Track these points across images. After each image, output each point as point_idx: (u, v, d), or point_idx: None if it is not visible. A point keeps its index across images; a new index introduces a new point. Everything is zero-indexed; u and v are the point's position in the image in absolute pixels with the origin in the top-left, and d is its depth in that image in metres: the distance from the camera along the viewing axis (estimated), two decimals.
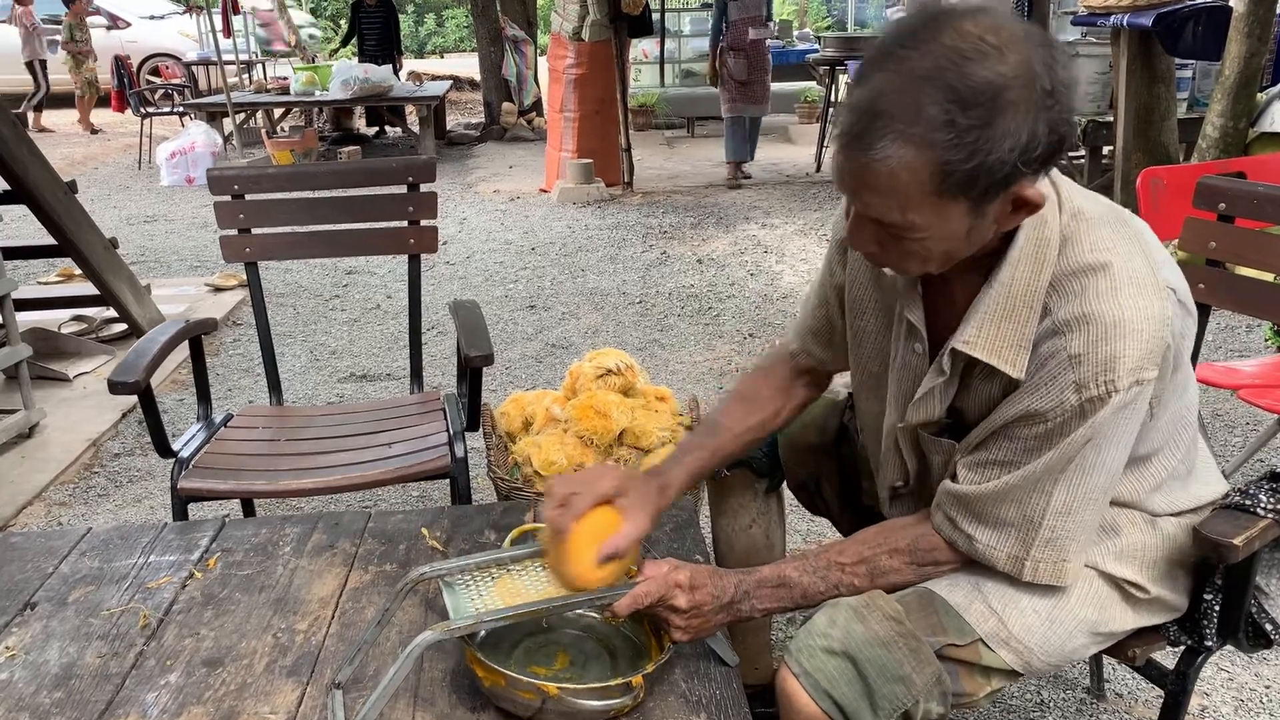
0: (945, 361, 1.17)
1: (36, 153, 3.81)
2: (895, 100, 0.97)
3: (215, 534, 1.59)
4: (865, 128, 0.98)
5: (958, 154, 0.96)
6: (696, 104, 11.27)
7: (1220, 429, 3.09)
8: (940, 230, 1.03)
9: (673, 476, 1.36)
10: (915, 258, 1.08)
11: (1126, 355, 1.05)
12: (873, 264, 1.18)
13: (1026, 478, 1.13)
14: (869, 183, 1.01)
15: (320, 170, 2.70)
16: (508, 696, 1.12)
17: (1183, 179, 2.51)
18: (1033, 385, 1.10)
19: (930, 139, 0.96)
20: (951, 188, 0.98)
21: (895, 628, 1.13)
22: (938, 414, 1.23)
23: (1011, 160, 0.97)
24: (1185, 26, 4.75)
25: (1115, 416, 1.08)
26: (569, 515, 1.20)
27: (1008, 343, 1.12)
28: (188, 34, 14.55)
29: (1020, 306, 1.11)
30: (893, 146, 0.97)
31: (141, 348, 1.92)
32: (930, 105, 0.95)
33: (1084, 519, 1.15)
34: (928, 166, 0.97)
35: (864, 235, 1.09)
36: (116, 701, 1.20)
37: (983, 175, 0.97)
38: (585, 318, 4.57)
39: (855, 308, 1.35)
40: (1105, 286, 1.07)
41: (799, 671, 1.13)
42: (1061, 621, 1.21)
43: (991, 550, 1.18)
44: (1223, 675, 2.00)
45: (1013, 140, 0.96)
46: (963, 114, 0.95)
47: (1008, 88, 0.95)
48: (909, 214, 1.01)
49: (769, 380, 1.50)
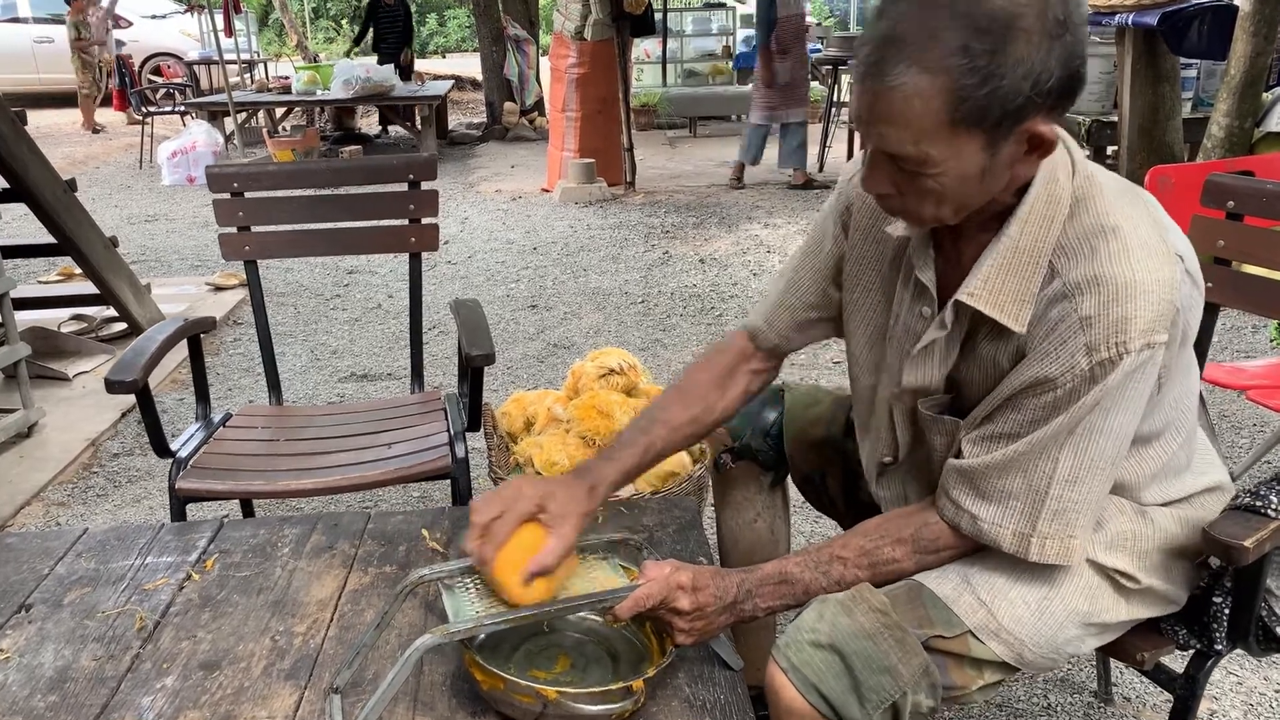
0: (948, 315, 1.16)
1: (36, 151, 3.80)
2: (910, 27, 0.99)
3: (213, 535, 1.58)
4: (881, 56, 1.00)
5: (971, 79, 0.97)
6: (699, 104, 11.26)
7: (1227, 430, 3.06)
8: (955, 166, 1.03)
9: (602, 475, 1.31)
10: (930, 198, 1.07)
11: (1138, 317, 1.04)
12: (885, 209, 1.16)
13: (1033, 446, 1.12)
14: (884, 113, 1.01)
15: (320, 168, 2.69)
16: (507, 700, 1.11)
17: (1190, 177, 2.50)
18: (1042, 351, 1.09)
19: (944, 64, 0.97)
20: (966, 116, 0.99)
21: (881, 620, 1.12)
22: (936, 378, 1.21)
23: (1025, 90, 0.98)
24: (1190, 26, 4.73)
25: (1125, 380, 1.07)
26: (490, 546, 1.17)
27: (1011, 297, 1.11)
28: (189, 33, 14.58)
29: (1026, 262, 1.10)
30: (908, 73, 0.98)
31: (139, 346, 1.90)
32: (945, 31, 0.97)
33: (1090, 490, 1.13)
34: (942, 93, 0.98)
35: (879, 175, 1.09)
36: (112, 705, 1.18)
37: (996, 104, 0.98)
38: (587, 317, 4.56)
39: (853, 280, 1.33)
40: (1116, 249, 1.06)
41: (786, 666, 1.12)
42: (1052, 612, 1.19)
43: (997, 528, 1.16)
44: (1231, 679, 1.98)
45: (1025, 68, 0.97)
46: (976, 39, 0.96)
47: (1021, 15, 0.97)
48: (923, 145, 1.01)
49: (707, 372, 1.45)
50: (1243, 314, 4.03)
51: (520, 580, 1.17)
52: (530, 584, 1.17)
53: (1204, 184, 1.73)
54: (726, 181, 7.78)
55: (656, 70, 12.73)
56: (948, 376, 1.21)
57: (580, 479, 1.29)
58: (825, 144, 8.29)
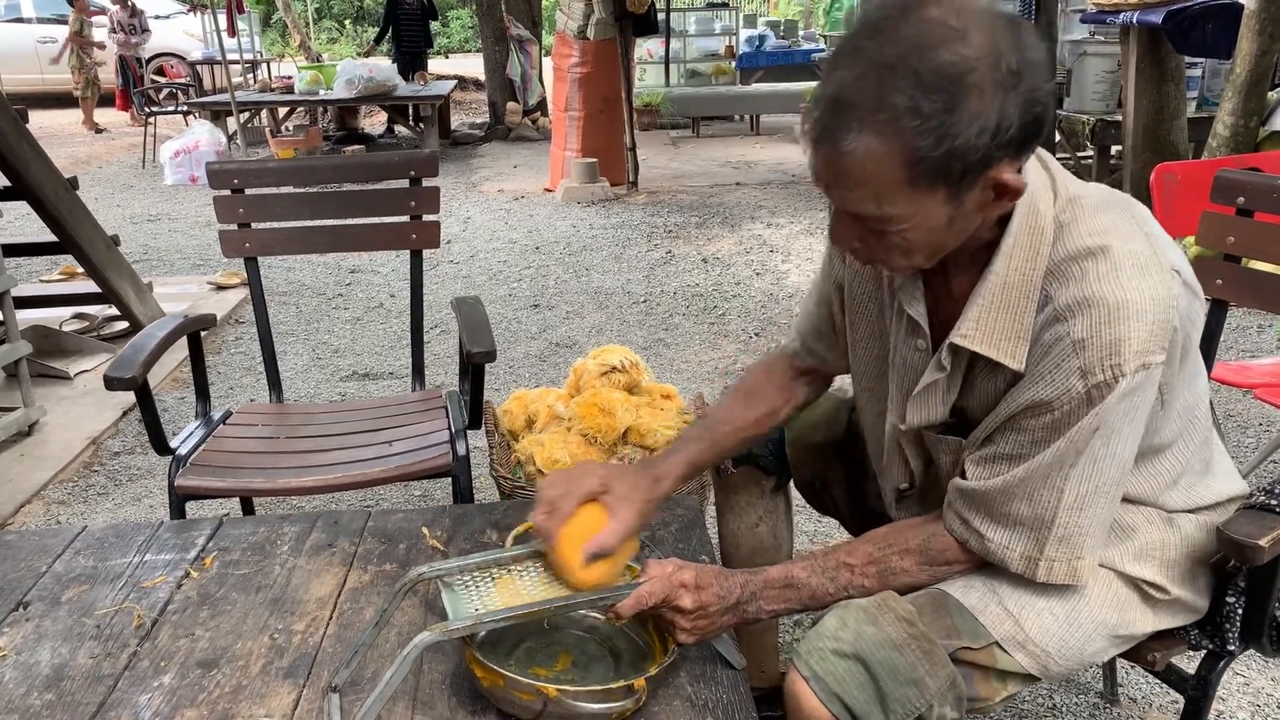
0: (945, 357, 1.15)
1: (38, 149, 3.79)
2: (859, 90, 0.96)
3: (212, 533, 1.57)
4: (831, 120, 0.98)
5: (925, 140, 0.95)
6: (701, 104, 11.25)
7: (1233, 430, 3.04)
8: (920, 221, 1.02)
9: (668, 467, 1.34)
10: (898, 251, 1.06)
11: (1131, 338, 1.02)
12: (859, 260, 1.15)
13: (1035, 471, 1.10)
14: (841, 176, 1.00)
15: (321, 164, 2.68)
16: (507, 698, 1.09)
17: (1197, 175, 2.48)
18: (1037, 374, 1.08)
19: (896, 126, 0.95)
20: (924, 175, 0.97)
21: (908, 630, 1.10)
22: (939, 415, 1.20)
23: (983, 144, 0.96)
24: (1195, 24, 4.72)
25: (1122, 404, 1.05)
26: (556, 519, 1.20)
27: (1006, 334, 1.09)
28: (192, 33, 14.59)
29: (1017, 297, 1.09)
30: (860, 138, 0.96)
31: (138, 343, 1.89)
32: (894, 93, 0.94)
33: (1097, 514, 1.12)
34: (896, 155, 0.96)
35: (845, 232, 1.08)
36: (109, 703, 1.17)
37: (955, 161, 0.96)
38: (589, 317, 4.54)
39: (854, 306, 1.33)
40: (1105, 269, 1.04)
41: (808, 674, 1.10)
42: (1080, 624, 1.17)
43: (1005, 550, 1.14)
44: (1239, 680, 1.96)
45: (981, 123, 0.95)
46: (926, 98, 0.94)
47: (972, 70, 0.94)
48: (884, 206, 1.00)
49: (770, 377, 1.48)
50: (1249, 313, 4.01)
51: (581, 559, 1.18)
52: (591, 565, 1.18)
53: (1214, 179, 1.71)
54: (731, 181, 7.76)
55: (659, 70, 12.73)
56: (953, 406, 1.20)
57: (648, 468, 1.32)
58: None
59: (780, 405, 1.46)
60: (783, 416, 1.47)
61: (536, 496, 1.25)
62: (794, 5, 20.60)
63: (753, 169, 8.63)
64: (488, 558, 1.23)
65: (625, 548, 1.23)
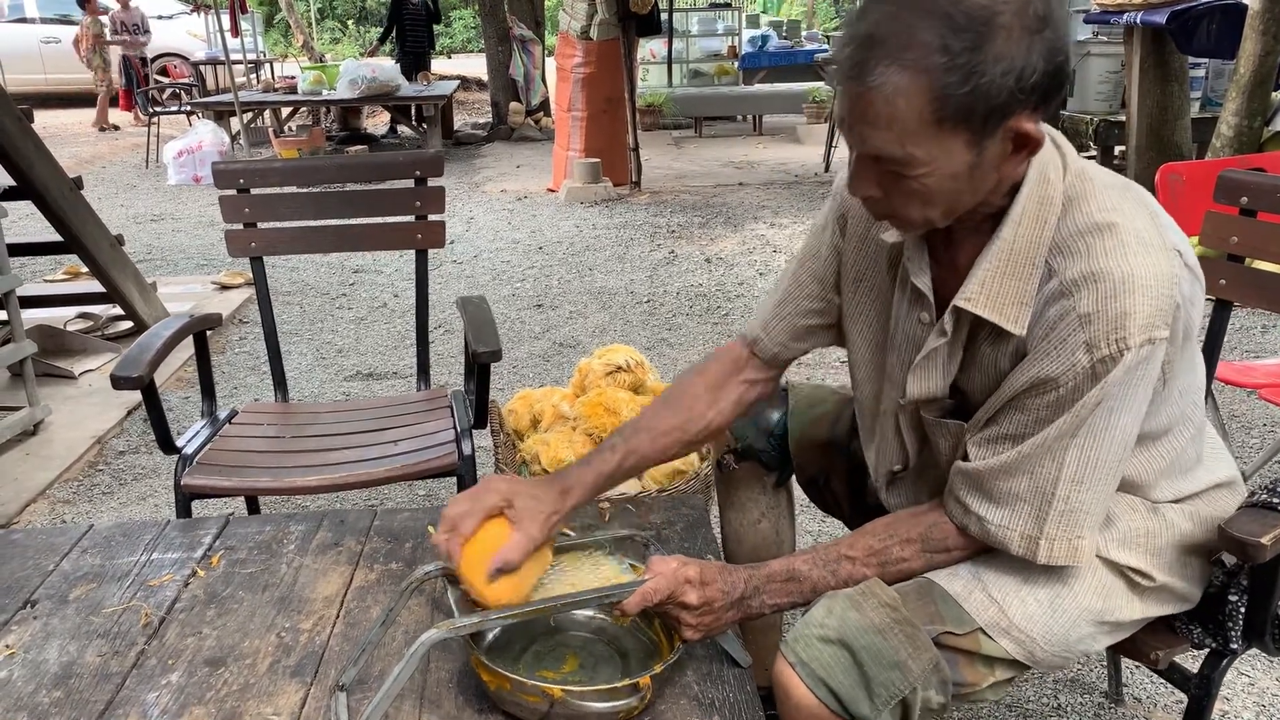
0: (948, 322, 1.15)
1: (42, 149, 3.80)
2: (889, 27, 0.98)
3: (219, 531, 1.57)
4: (861, 58, 1.00)
5: (953, 77, 0.97)
6: (704, 104, 11.26)
7: (1238, 430, 3.04)
8: (941, 165, 1.02)
9: (576, 479, 1.29)
10: (917, 199, 1.06)
11: (1137, 312, 1.03)
12: (873, 213, 1.15)
13: (1038, 447, 1.11)
14: (867, 115, 1.01)
15: (327, 164, 2.69)
16: (513, 700, 1.10)
17: (1201, 175, 2.48)
18: (1042, 350, 1.08)
19: (925, 64, 0.97)
20: (950, 115, 0.99)
21: (891, 615, 1.12)
22: (940, 387, 1.20)
23: (1008, 86, 0.98)
24: (1200, 24, 4.71)
25: (1127, 377, 1.05)
26: (456, 540, 1.17)
27: (1010, 299, 1.10)
28: (195, 34, 14.60)
29: (1023, 263, 1.09)
30: (888, 73, 0.98)
31: (145, 342, 1.89)
32: (924, 30, 0.97)
33: (1098, 490, 1.12)
34: (924, 92, 0.98)
35: (865, 178, 1.08)
36: (116, 701, 1.18)
37: (979, 101, 0.98)
38: (593, 317, 4.55)
39: (852, 286, 1.32)
40: (1112, 244, 1.05)
41: (795, 661, 1.11)
42: (1064, 610, 1.18)
43: (1005, 531, 1.15)
44: (1243, 679, 1.96)
45: (1007, 64, 0.97)
46: (955, 37, 0.96)
47: (1000, 12, 0.97)
48: (908, 146, 1.01)
49: (697, 380, 1.41)
50: (1252, 313, 4.01)
51: (485, 577, 1.15)
52: (495, 581, 1.15)
53: (1217, 179, 1.71)
54: (734, 182, 7.77)
55: (662, 70, 12.73)
56: (952, 384, 1.20)
57: (555, 481, 1.28)
58: (831, 144, 8.28)
59: (705, 408, 1.38)
60: (710, 419, 1.38)
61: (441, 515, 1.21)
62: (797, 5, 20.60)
63: (755, 169, 8.64)
64: None
65: (534, 562, 1.20)
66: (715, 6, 13.91)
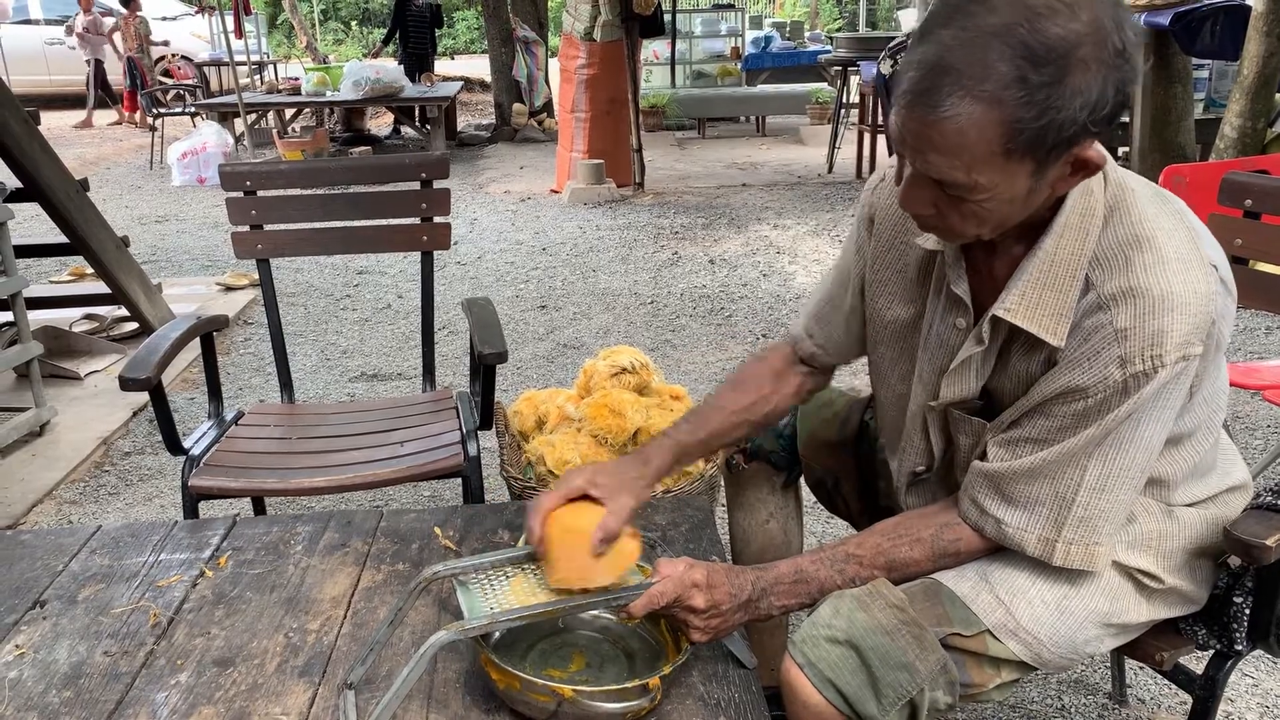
0: (985, 330, 1.15)
1: (49, 151, 3.81)
2: (964, 56, 0.95)
3: (226, 532, 1.58)
4: (932, 84, 0.96)
5: (1028, 111, 0.94)
6: (707, 105, 11.26)
7: (1242, 431, 3.04)
8: (1003, 191, 1.01)
9: (653, 451, 1.34)
10: (973, 220, 1.05)
11: (1174, 330, 1.03)
12: (921, 227, 1.14)
13: (1061, 453, 1.11)
14: (934, 142, 0.98)
15: (333, 166, 2.70)
16: (522, 699, 1.10)
17: (1205, 176, 2.48)
18: (1075, 360, 1.08)
19: (1000, 96, 0.94)
20: (1020, 147, 0.97)
21: (899, 616, 1.12)
22: (972, 389, 1.20)
23: (1081, 119, 0.96)
24: (1203, 26, 4.71)
25: (1159, 393, 1.06)
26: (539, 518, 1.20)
27: (1049, 311, 1.10)
28: (199, 35, 14.63)
29: (1063, 276, 1.09)
30: (962, 104, 0.95)
31: (153, 344, 1.90)
32: (1001, 62, 0.93)
33: (1118, 499, 1.12)
34: (997, 125, 0.95)
35: (921, 196, 1.06)
36: (126, 701, 1.18)
37: (1051, 134, 0.96)
38: (597, 318, 4.55)
39: (875, 289, 1.32)
40: (1151, 260, 1.05)
41: (802, 661, 1.12)
42: (1072, 612, 1.18)
43: (1021, 533, 1.15)
44: (1247, 681, 1.97)
45: (1083, 99, 0.95)
46: (1034, 71, 0.93)
47: (1080, 45, 0.93)
48: (974, 174, 0.99)
49: (762, 365, 1.47)
50: (1256, 315, 4.01)
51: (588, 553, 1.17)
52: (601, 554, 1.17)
53: (1221, 182, 1.72)
54: (737, 183, 7.77)
55: (665, 71, 12.73)
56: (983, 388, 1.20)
57: (633, 454, 1.33)
58: (834, 145, 8.28)
59: (770, 391, 1.43)
60: (775, 403, 1.44)
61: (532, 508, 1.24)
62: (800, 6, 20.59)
63: (759, 170, 8.64)
64: (502, 557, 1.24)
65: (630, 544, 1.21)
66: (718, 7, 13.91)
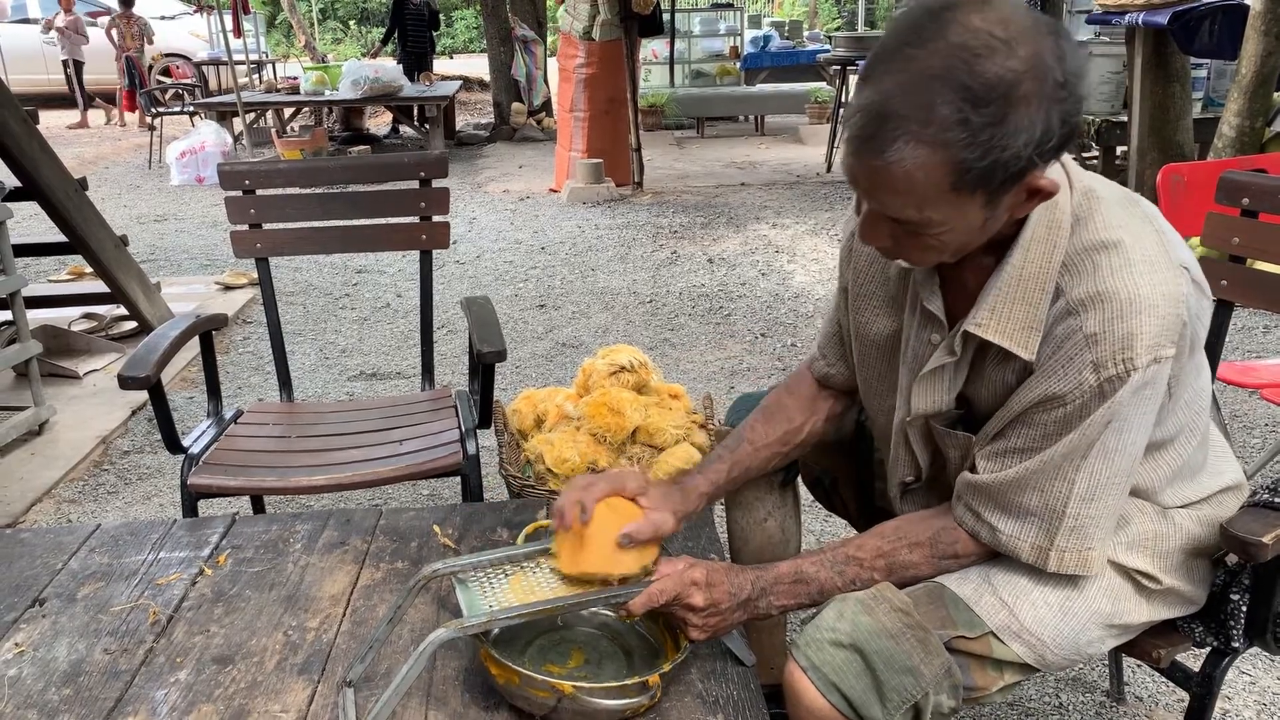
0: (956, 344, 1.16)
1: (48, 150, 3.81)
2: (906, 101, 0.95)
3: (225, 530, 1.58)
4: (876, 130, 0.97)
5: (973, 152, 0.95)
6: (706, 104, 11.26)
7: (1239, 430, 3.05)
8: (956, 223, 1.03)
9: (692, 483, 1.36)
10: (931, 251, 1.07)
11: (1144, 332, 1.04)
12: (886, 257, 1.16)
13: (1047, 463, 1.11)
14: (883, 184, 1.00)
15: (332, 165, 2.70)
16: (522, 695, 1.10)
17: (1203, 175, 2.49)
18: (1049, 368, 1.09)
19: (944, 139, 0.95)
20: (968, 184, 0.98)
21: (903, 619, 1.12)
22: (945, 402, 1.21)
23: (1026, 154, 0.96)
24: (1201, 25, 4.71)
25: (1135, 396, 1.06)
26: (591, 497, 1.22)
27: (1020, 325, 1.10)
28: (198, 34, 14.61)
29: (1032, 289, 1.10)
30: (906, 149, 0.96)
31: (152, 342, 1.90)
32: (942, 105, 0.94)
33: (1107, 504, 1.13)
34: (943, 166, 0.96)
35: (878, 231, 1.08)
36: (126, 699, 1.19)
37: (998, 170, 0.97)
38: (595, 317, 4.55)
39: (859, 305, 1.33)
40: (1118, 263, 1.06)
41: (806, 665, 1.12)
42: (1075, 613, 1.19)
43: (1015, 541, 1.16)
44: (1244, 678, 1.97)
45: (1027, 135, 0.95)
46: (975, 112, 0.93)
47: (1019, 82, 0.94)
48: (926, 211, 1.01)
49: (793, 395, 1.48)
50: (1254, 314, 4.02)
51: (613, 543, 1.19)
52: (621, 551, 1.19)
53: (1219, 181, 1.72)
54: (736, 182, 7.77)
55: (664, 71, 12.73)
56: (958, 395, 1.21)
57: (675, 488, 1.34)
58: (833, 144, 8.29)
59: (803, 421, 1.45)
60: (807, 432, 1.45)
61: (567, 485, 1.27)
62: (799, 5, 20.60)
63: (757, 169, 8.64)
64: (501, 554, 1.24)
65: (649, 549, 1.22)
66: (717, 7, 13.91)
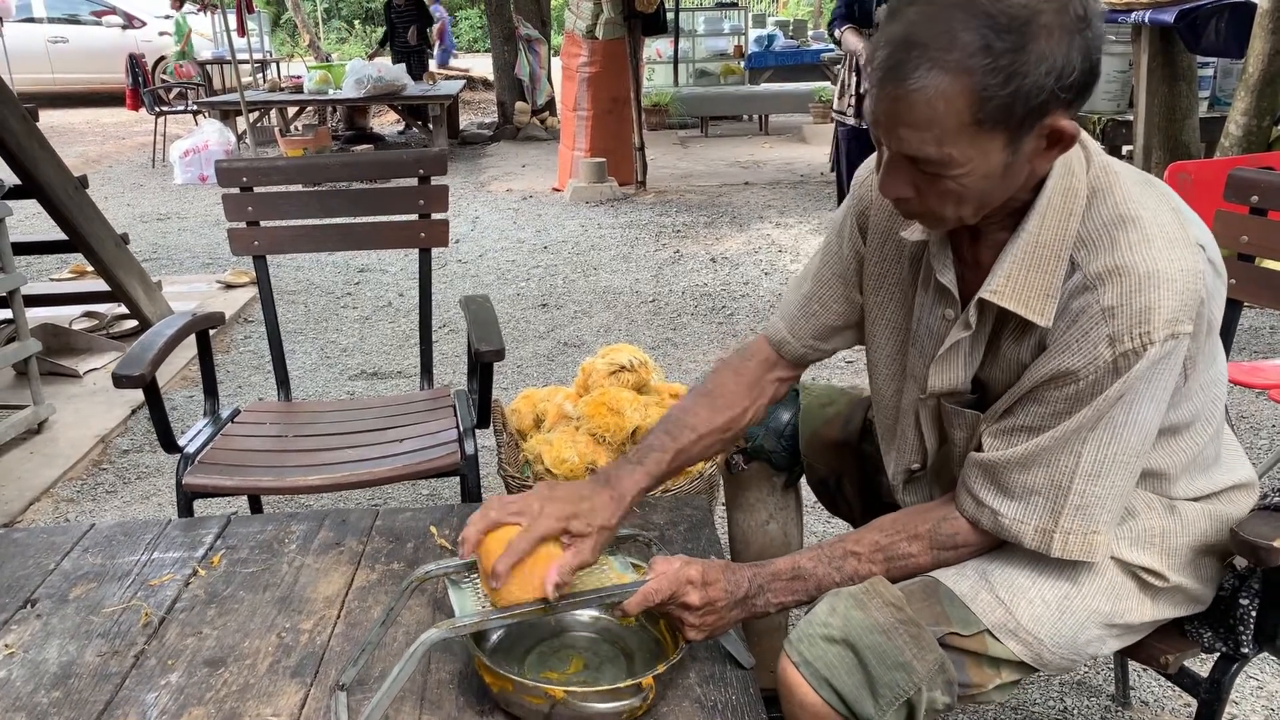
0: (972, 315, 1.14)
1: (48, 148, 3.80)
2: (929, 29, 0.97)
3: (220, 531, 1.56)
4: (900, 59, 0.98)
5: (994, 79, 0.96)
6: (710, 103, 11.24)
7: (1247, 431, 3.02)
8: (978, 165, 1.01)
9: (628, 486, 1.26)
10: (951, 199, 1.05)
11: (1161, 306, 1.02)
12: (903, 212, 1.14)
13: (1055, 439, 1.10)
14: (905, 116, 0.99)
15: (330, 162, 2.68)
16: (516, 701, 1.09)
17: (1210, 173, 2.47)
18: (1064, 343, 1.07)
19: (966, 65, 0.95)
20: (989, 116, 0.97)
21: (896, 615, 1.10)
22: (962, 380, 1.19)
23: (1048, 86, 0.97)
24: (1208, 23, 4.68)
25: (1150, 372, 1.05)
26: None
27: (1035, 292, 1.09)
28: (202, 33, 14.61)
29: (1048, 256, 1.09)
30: (929, 75, 0.96)
31: (147, 341, 1.89)
32: (965, 31, 0.95)
33: (1114, 485, 1.11)
34: (965, 94, 0.96)
35: (898, 178, 1.06)
36: (116, 701, 1.17)
37: (1019, 102, 0.97)
38: (598, 316, 4.54)
39: (875, 284, 1.31)
40: (1136, 238, 1.05)
41: (799, 660, 1.10)
42: (1073, 612, 1.17)
43: (1018, 524, 1.14)
44: (1252, 683, 1.95)
45: (1049, 64, 0.96)
46: (998, 38, 0.95)
47: (1041, 11, 0.95)
48: (946, 147, 1.00)
49: (738, 377, 1.40)
50: (1262, 313, 3.99)
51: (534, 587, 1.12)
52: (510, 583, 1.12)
53: (1228, 178, 1.70)
54: (739, 181, 7.75)
55: (668, 70, 12.71)
56: (974, 378, 1.19)
57: (605, 488, 1.24)
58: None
59: (747, 406, 1.38)
60: (750, 417, 1.39)
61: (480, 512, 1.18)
62: (803, 5, 20.58)
63: (761, 169, 8.63)
64: None
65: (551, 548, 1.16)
66: (721, 6, 13.88)
